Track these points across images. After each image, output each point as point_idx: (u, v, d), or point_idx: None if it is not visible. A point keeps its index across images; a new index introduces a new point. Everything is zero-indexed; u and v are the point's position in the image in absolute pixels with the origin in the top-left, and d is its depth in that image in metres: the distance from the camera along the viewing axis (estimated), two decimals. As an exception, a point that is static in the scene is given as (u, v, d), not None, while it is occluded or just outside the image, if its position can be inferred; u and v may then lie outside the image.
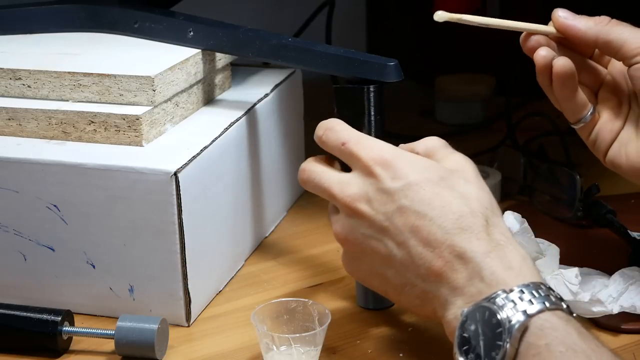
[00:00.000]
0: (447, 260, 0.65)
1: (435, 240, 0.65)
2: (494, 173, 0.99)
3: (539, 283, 0.62)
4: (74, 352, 0.75)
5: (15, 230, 0.78)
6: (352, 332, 0.77)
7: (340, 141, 0.71)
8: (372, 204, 0.68)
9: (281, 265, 0.88)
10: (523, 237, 0.77)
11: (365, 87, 0.75)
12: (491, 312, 0.61)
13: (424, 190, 0.67)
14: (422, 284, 0.66)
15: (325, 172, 0.72)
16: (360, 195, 0.69)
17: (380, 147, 0.70)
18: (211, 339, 0.77)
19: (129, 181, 0.75)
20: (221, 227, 0.83)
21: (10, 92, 0.83)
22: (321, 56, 0.80)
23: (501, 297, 0.61)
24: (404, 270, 0.67)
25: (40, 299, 0.77)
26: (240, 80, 0.95)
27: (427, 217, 0.66)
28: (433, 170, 0.68)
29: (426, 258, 0.66)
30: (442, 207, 0.66)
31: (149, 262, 0.76)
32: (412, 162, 0.69)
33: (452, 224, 0.65)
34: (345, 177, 0.70)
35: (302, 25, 1.13)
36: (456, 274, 0.65)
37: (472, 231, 0.65)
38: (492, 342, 0.60)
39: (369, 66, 0.77)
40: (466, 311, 0.62)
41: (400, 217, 0.67)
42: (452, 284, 0.65)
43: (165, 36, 0.88)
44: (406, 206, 0.67)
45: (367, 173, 0.69)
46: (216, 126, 0.83)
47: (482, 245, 0.65)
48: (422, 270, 0.66)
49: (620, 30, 0.75)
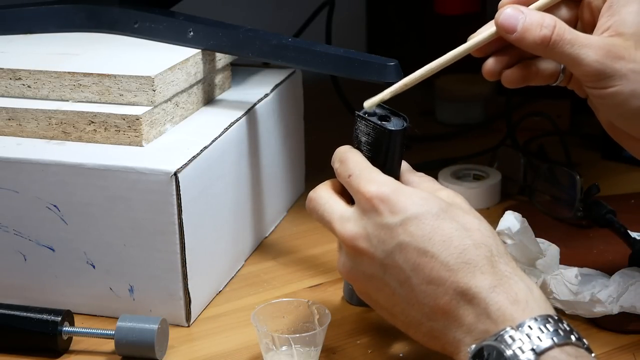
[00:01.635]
0: (452, 297, 0.63)
1: (439, 277, 0.63)
2: (494, 173, 0.99)
3: (547, 315, 0.61)
4: (74, 352, 0.75)
5: (15, 230, 0.78)
6: (352, 332, 0.77)
7: (347, 173, 0.69)
8: (371, 241, 0.66)
9: (281, 265, 0.88)
10: (523, 237, 0.77)
11: (392, 131, 0.68)
12: (498, 351, 0.59)
13: (423, 224, 0.64)
14: (428, 322, 0.64)
15: (329, 205, 0.69)
16: (359, 233, 0.66)
17: (381, 181, 0.67)
18: (211, 339, 0.77)
19: (129, 181, 0.75)
20: (221, 227, 0.83)
21: (10, 92, 0.83)
22: (321, 56, 0.80)
23: (508, 334, 0.60)
24: (409, 309, 0.65)
25: (40, 299, 0.77)
26: (240, 80, 0.95)
27: (428, 253, 0.64)
28: (432, 202, 0.66)
29: (431, 296, 0.63)
30: (444, 241, 0.64)
31: (149, 262, 0.76)
32: (411, 195, 0.66)
33: (454, 259, 0.63)
34: (347, 212, 0.68)
35: (302, 25, 1.13)
36: (462, 311, 0.63)
37: (476, 265, 0.63)
38: None
39: (369, 66, 0.77)
40: (474, 349, 0.61)
41: (401, 254, 0.64)
42: (459, 322, 0.63)
43: (165, 36, 0.88)
44: (406, 242, 0.64)
45: (367, 208, 0.66)
46: (216, 126, 0.83)
47: (487, 279, 0.62)
48: (427, 309, 0.64)
49: None
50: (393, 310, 0.66)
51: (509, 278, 0.63)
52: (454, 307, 0.63)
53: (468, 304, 0.62)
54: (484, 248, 0.64)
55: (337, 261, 0.69)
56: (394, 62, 0.78)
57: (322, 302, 0.80)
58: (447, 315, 0.63)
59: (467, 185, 0.97)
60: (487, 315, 0.61)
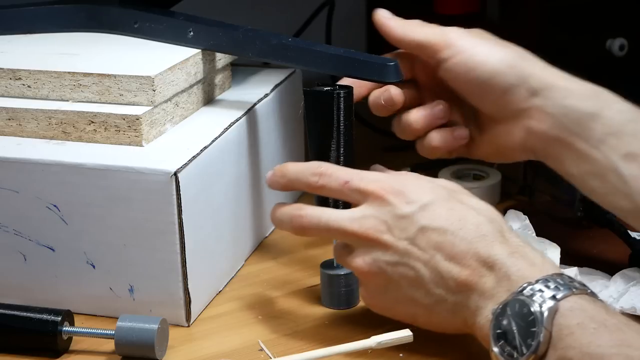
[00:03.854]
0: (474, 268, 0.68)
1: (460, 252, 0.68)
2: (494, 173, 0.99)
3: (561, 274, 0.65)
4: (74, 352, 0.75)
5: (15, 230, 0.78)
6: (352, 332, 0.76)
7: (341, 181, 0.73)
8: (392, 231, 0.70)
9: (281, 265, 0.88)
10: (524, 235, 0.77)
11: (335, 92, 0.75)
12: (521, 303, 0.63)
13: (439, 208, 0.70)
14: (452, 297, 0.69)
15: (329, 213, 0.73)
16: (379, 226, 0.70)
17: (385, 178, 0.72)
18: (211, 339, 0.77)
19: (129, 181, 0.75)
20: (221, 227, 0.83)
21: (10, 92, 0.83)
22: (321, 56, 0.80)
23: (528, 288, 0.64)
24: (434, 288, 0.69)
25: (40, 299, 0.77)
26: (240, 80, 0.95)
27: (448, 231, 0.69)
28: (440, 190, 0.72)
29: (454, 271, 0.68)
30: (459, 220, 0.69)
31: (149, 262, 0.76)
32: (420, 186, 0.72)
33: (472, 234, 0.68)
34: (355, 212, 0.72)
35: (302, 25, 1.13)
36: (484, 279, 0.67)
37: (492, 237, 0.68)
38: (526, 330, 0.62)
39: (369, 66, 0.78)
40: (497, 309, 0.65)
41: (423, 237, 0.69)
42: (481, 289, 0.67)
43: (165, 36, 0.88)
44: (426, 225, 0.69)
45: (382, 203, 0.71)
46: (216, 126, 0.83)
47: (504, 248, 0.68)
48: (451, 282, 0.68)
49: (425, 30, 0.79)
50: (416, 294, 0.70)
51: (523, 247, 0.68)
52: (476, 276, 0.67)
53: (490, 271, 0.67)
54: (495, 223, 0.69)
55: (351, 263, 0.72)
56: (394, 62, 0.78)
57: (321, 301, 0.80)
58: (470, 285, 0.68)
59: (467, 185, 0.97)
60: (507, 278, 0.66)
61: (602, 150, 0.74)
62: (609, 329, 0.61)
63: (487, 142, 0.82)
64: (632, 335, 0.60)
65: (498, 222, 0.70)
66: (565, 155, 0.76)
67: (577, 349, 0.60)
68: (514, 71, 0.77)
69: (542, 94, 0.76)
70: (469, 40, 0.78)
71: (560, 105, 0.76)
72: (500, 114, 0.78)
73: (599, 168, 0.74)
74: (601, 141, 0.74)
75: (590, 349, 0.60)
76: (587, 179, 0.75)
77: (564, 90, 0.76)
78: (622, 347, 0.60)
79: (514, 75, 0.77)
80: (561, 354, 0.61)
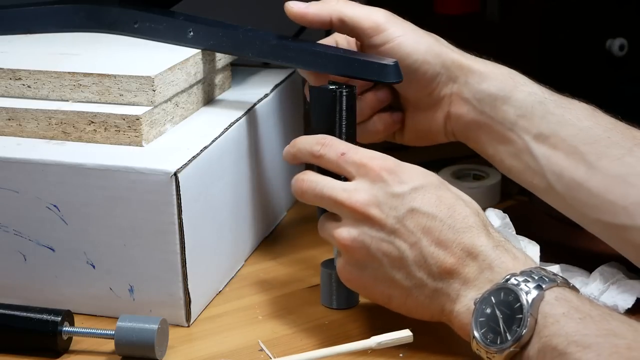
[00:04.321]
0: (459, 256, 0.69)
1: (447, 239, 0.69)
2: (494, 173, 0.99)
3: (543, 268, 0.66)
4: (74, 352, 0.75)
5: (15, 230, 0.78)
6: (352, 332, 0.77)
7: (338, 152, 0.74)
8: (382, 207, 0.71)
9: (281, 265, 0.88)
10: (504, 233, 0.77)
11: (338, 90, 0.76)
12: (507, 291, 0.64)
13: (430, 193, 0.71)
14: (432, 282, 0.70)
15: (326, 181, 0.74)
16: (370, 200, 0.71)
17: (381, 156, 0.73)
18: (211, 339, 0.77)
19: (129, 181, 0.75)
20: (221, 227, 0.83)
21: (10, 92, 0.83)
22: (321, 56, 0.80)
23: (512, 279, 0.65)
24: (416, 271, 0.70)
25: (40, 299, 0.77)
26: (240, 80, 0.95)
27: (437, 218, 0.70)
28: (431, 175, 0.73)
29: (439, 257, 0.69)
30: (448, 208, 0.70)
31: (149, 262, 0.76)
32: (412, 169, 0.72)
33: (460, 224, 0.69)
34: (350, 185, 0.72)
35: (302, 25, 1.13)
36: (468, 268, 0.69)
37: (478, 229, 0.70)
38: (511, 317, 0.64)
39: (369, 66, 0.78)
40: (480, 297, 0.66)
41: (412, 218, 0.70)
42: (464, 277, 0.69)
43: (165, 36, 0.88)
44: (417, 208, 0.70)
45: (375, 178, 0.71)
46: (216, 126, 0.83)
47: (488, 240, 0.69)
48: (434, 268, 0.69)
49: (352, 8, 0.81)
50: (396, 275, 0.71)
51: (505, 242, 0.70)
52: (460, 265, 0.69)
53: (473, 261, 0.68)
54: (480, 216, 0.71)
55: (334, 232, 0.72)
56: (394, 62, 0.78)
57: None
58: (453, 273, 0.69)
59: (467, 185, 0.97)
60: (490, 268, 0.68)
61: (515, 132, 0.79)
62: (594, 320, 0.61)
63: (410, 127, 0.85)
64: (617, 325, 0.61)
65: (482, 216, 0.71)
66: (482, 137, 0.81)
67: (562, 337, 0.61)
68: (439, 60, 0.80)
69: (460, 80, 0.80)
70: (397, 28, 0.80)
71: (475, 90, 0.80)
72: (424, 100, 0.82)
73: (514, 149, 0.79)
74: (513, 123, 0.79)
75: (576, 338, 0.60)
76: (504, 159, 0.80)
77: (479, 75, 0.80)
78: (609, 337, 0.60)
79: (439, 64, 0.80)
80: (546, 342, 0.62)
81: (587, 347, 0.60)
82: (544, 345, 0.62)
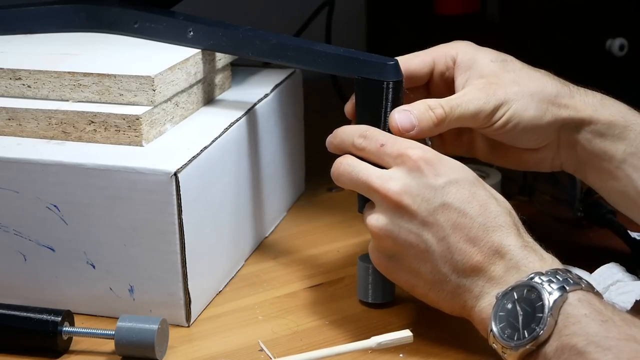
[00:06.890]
0: (486, 254, 0.69)
1: (476, 237, 0.69)
2: (494, 173, 0.99)
3: (569, 270, 0.66)
4: (74, 352, 0.75)
5: (15, 230, 0.78)
6: (353, 332, 0.77)
7: (378, 143, 0.73)
8: (414, 198, 0.70)
9: (281, 265, 0.88)
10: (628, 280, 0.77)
11: (385, 82, 0.76)
12: (530, 288, 0.65)
13: (463, 189, 0.71)
14: (457, 278, 0.70)
15: (364, 166, 0.74)
16: (404, 189, 0.71)
17: (420, 146, 0.73)
18: (211, 339, 0.77)
19: (129, 181, 0.75)
20: (221, 227, 0.83)
21: (10, 92, 0.83)
22: (321, 56, 0.80)
23: (536, 278, 0.65)
24: (441, 265, 0.70)
25: (40, 299, 0.77)
26: (240, 80, 0.95)
27: (468, 215, 0.70)
28: (467, 171, 0.72)
29: (466, 253, 0.69)
30: (481, 206, 0.70)
31: (149, 262, 0.76)
32: (450, 162, 0.72)
33: (490, 222, 0.69)
34: (386, 172, 0.72)
35: (302, 25, 1.13)
36: (494, 266, 0.68)
37: (508, 228, 0.69)
38: (532, 315, 0.64)
39: (368, 66, 0.78)
40: (502, 292, 0.66)
41: (443, 213, 0.70)
42: (490, 275, 0.68)
43: (165, 36, 0.88)
44: (449, 203, 0.70)
45: (412, 168, 0.71)
46: (216, 126, 0.83)
47: (517, 240, 0.69)
48: (460, 265, 0.69)
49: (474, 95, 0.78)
50: (421, 268, 0.71)
51: (534, 244, 0.70)
52: (487, 263, 0.69)
53: (500, 259, 0.68)
54: (512, 216, 0.71)
55: (367, 218, 0.73)
56: (394, 62, 0.78)
57: (321, 302, 0.80)
58: (479, 270, 0.69)
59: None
60: (517, 268, 0.68)
61: (623, 169, 0.78)
62: (616, 324, 0.61)
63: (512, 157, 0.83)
64: (638, 331, 0.61)
65: (514, 216, 0.71)
66: (589, 172, 0.81)
67: (583, 337, 0.61)
68: (551, 113, 0.78)
69: (571, 129, 0.79)
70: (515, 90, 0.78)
71: (587, 139, 0.79)
72: (531, 146, 0.81)
73: (620, 185, 0.78)
74: (623, 161, 0.78)
75: (596, 339, 0.60)
76: (611, 193, 0.80)
77: (592, 123, 0.79)
78: (630, 342, 0.60)
79: (551, 117, 0.79)
80: (565, 340, 0.62)
81: (607, 348, 0.60)
82: (562, 344, 0.62)
